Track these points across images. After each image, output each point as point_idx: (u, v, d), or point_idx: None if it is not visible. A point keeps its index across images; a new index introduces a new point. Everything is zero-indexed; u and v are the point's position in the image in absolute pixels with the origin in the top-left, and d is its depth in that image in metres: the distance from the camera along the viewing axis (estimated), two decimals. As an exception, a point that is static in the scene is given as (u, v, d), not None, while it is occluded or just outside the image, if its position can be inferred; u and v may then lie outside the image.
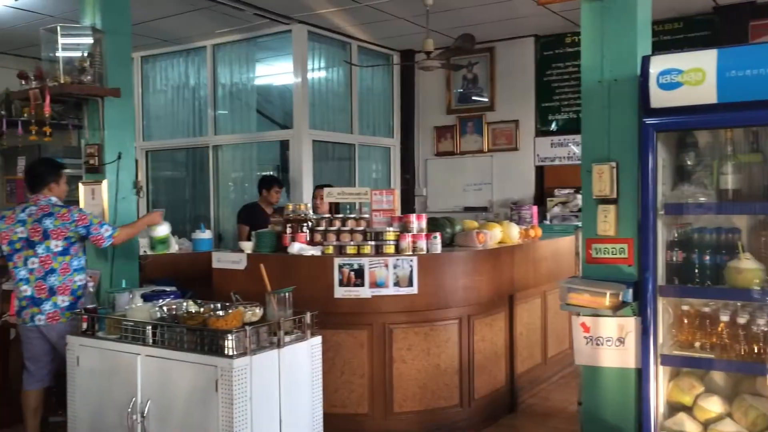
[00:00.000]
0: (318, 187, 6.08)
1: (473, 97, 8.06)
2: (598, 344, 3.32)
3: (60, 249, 4.07)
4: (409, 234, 4.33)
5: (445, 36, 7.08)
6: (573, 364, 5.71)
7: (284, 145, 9.01)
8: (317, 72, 7.42)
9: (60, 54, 4.63)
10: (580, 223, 6.01)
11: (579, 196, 6.98)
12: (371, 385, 4.22)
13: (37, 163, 4.45)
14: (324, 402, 3.67)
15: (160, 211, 4.82)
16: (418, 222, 4.40)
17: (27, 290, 4.00)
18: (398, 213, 4.67)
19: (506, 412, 4.81)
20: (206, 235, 6.09)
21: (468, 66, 7.95)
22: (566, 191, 7.29)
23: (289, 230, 4.51)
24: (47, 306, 4.02)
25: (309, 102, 7.13)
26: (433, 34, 6.31)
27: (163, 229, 4.59)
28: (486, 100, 7.96)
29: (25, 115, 7.57)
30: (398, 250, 4.28)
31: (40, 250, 4.01)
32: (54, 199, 4.19)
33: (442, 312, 4.33)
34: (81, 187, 4.96)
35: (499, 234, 4.96)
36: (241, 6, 6.25)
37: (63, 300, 4.07)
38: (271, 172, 9.45)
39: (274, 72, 8.09)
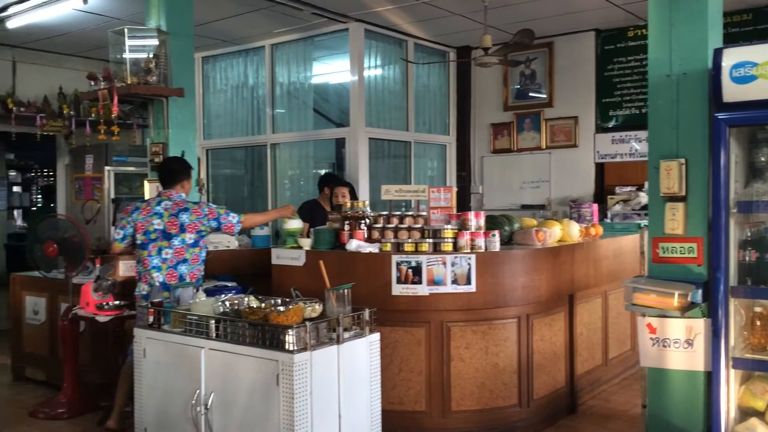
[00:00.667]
0: (337, 186, 6.08)
1: (531, 94, 7.94)
2: (664, 346, 3.23)
3: (192, 241, 4.32)
4: (467, 232, 4.29)
5: (502, 32, 6.99)
6: (635, 366, 5.61)
7: (339, 143, 9.09)
8: (373, 70, 7.44)
9: (127, 55, 4.78)
10: (643, 222, 5.92)
11: (641, 194, 6.82)
12: (429, 383, 4.21)
13: (172, 160, 4.63)
14: (381, 398, 3.68)
15: (292, 207, 5.01)
16: (476, 220, 4.36)
17: (159, 277, 4.23)
18: (455, 211, 4.65)
19: (566, 414, 4.73)
20: (264, 231, 6.19)
21: (526, 62, 7.84)
22: (628, 189, 7.10)
23: (347, 227, 4.53)
24: (158, 296, 4.17)
25: (365, 100, 7.15)
26: (491, 30, 6.24)
27: (295, 223, 4.70)
28: (544, 96, 7.83)
29: (93, 115, 7.90)
30: (456, 248, 4.25)
31: (176, 242, 4.25)
32: (183, 195, 4.40)
33: (500, 311, 4.28)
34: (146, 184, 5.11)
35: (559, 232, 4.87)
36: (299, 5, 6.32)
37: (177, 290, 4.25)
38: (328, 171, 9.56)
39: (331, 70, 8.16)
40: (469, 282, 4.17)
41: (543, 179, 7.83)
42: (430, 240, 4.28)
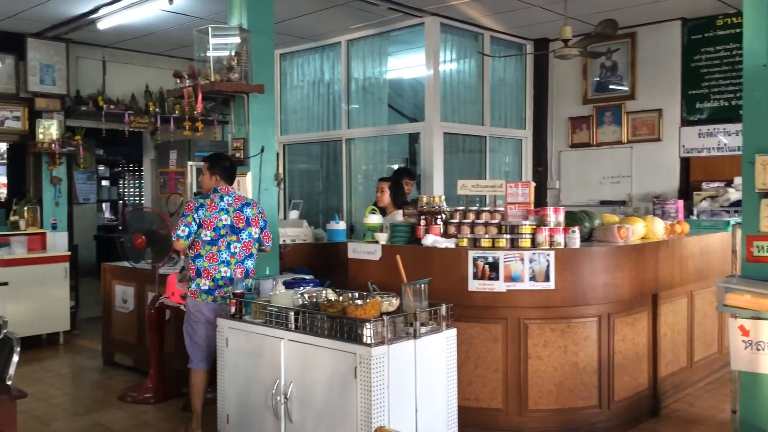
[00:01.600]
0: (381, 180, 6.05)
1: (611, 86, 7.70)
2: (758, 349, 3.07)
3: (257, 236, 4.42)
4: (546, 228, 4.21)
5: (583, 23, 6.80)
6: (722, 370, 5.38)
7: (413, 138, 9.07)
8: (448, 64, 7.39)
9: (210, 53, 4.90)
10: (733, 219, 5.64)
11: (731, 190, 6.50)
12: (505, 380, 4.16)
13: (228, 157, 4.71)
14: (457, 394, 3.66)
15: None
16: (555, 215, 4.27)
17: (227, 272, 4.28)
18: (533, 206, 4.57)
19: (648, 417, 4.57)
20: (340, 226, 6.27)
21: (607, 53, 7.60)
22: (716, 184, 6.78)
23: (423, 222, 4.52)
24: (240, 287, 4.25)
25: (440, 94, 7.11)
26: (571, 20, 6.09)
27: (375, 218, 4.74)
28: (626, 88, 7.57)
29: (177, 112, 8.19)
30: (534, 244, 4.18)
31: (243, 235, 4.34)
32: (236, 192, 4.50)
33: (580, 309, 4.18)
34: (229, 178, 5.23)
35: (642, 229, 4.71)
36: (376, 1, 6.34)
37: (251, 283, 4.30)
38: (401, 165, 9.56)
39: (406, 65, 8.16)
40: (547, 279, 4.09)
41: (624, 174, 7.58)
42: (508, 236, 4.22)
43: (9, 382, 2.82)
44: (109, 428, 4.55)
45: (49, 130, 7.31)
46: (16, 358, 2.88)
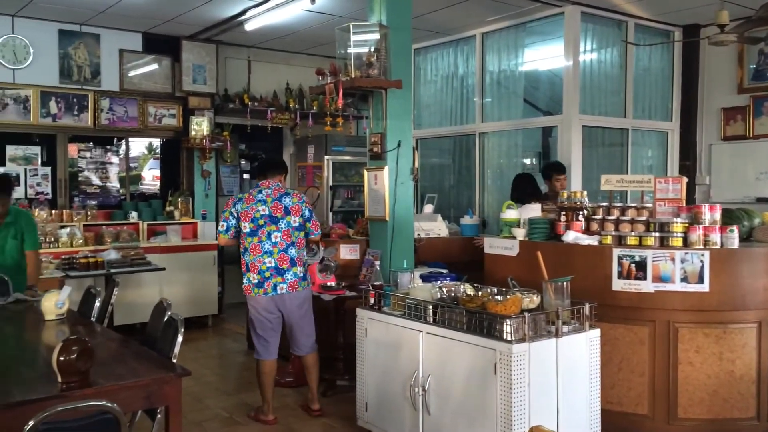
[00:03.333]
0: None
1: (771, 74, 7.07)
2: None
3: (297, 224, 4.49)
4: (700, 226, 3.95)
5: (739, 6, 6.29)
6: None
7: (546, 132, 8.82)
8: (589, 54, 7.10)
9: (351, 50, 5.03)
10: None
11: None
12: (652, 386, 3.96)
13: (272, 156, 4.90)
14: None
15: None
16: (710, 213, 4.00)
17: (271, 262, 4.38)
18: (684, 203, 4.30)
19: (814, 435, 4.18)
20: (473, 220, 6.24)
21: (767, 39, 6.99)
22: None
23: (563, 218, 4.40)
24: (289, 275, 4.41)
25: (579, 86, 6.86)
26: (726, 5, 5.64)
27: (512, 213, 4.74)
28: (788, 75, 6.93)
29: (315, 108, 8.49)
30: (686, 243, 3.94)
31: (282, 224, 4.43)
32: (279, 184, 4.61)
33: (737, 314, 3.89)
34: (365, 173, 5.36)
35: (809, 229, 4.30)
36: (514, -8, 6.23)
37: (299, 270, 4.47)
38: (531, 159, 9.33)
39: (542, 57, 7.94)
40: (701, 281, 3.84)
41: (784, 169, 6.96)
42: (657, 234, 4.01)
43: (174, 360, 3.05)
44: (254, 408, 4.81)
45: (201, 126, 7.84)
46: (180, 339, 3.11)
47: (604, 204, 4.38)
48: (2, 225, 4.65)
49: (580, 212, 4.36)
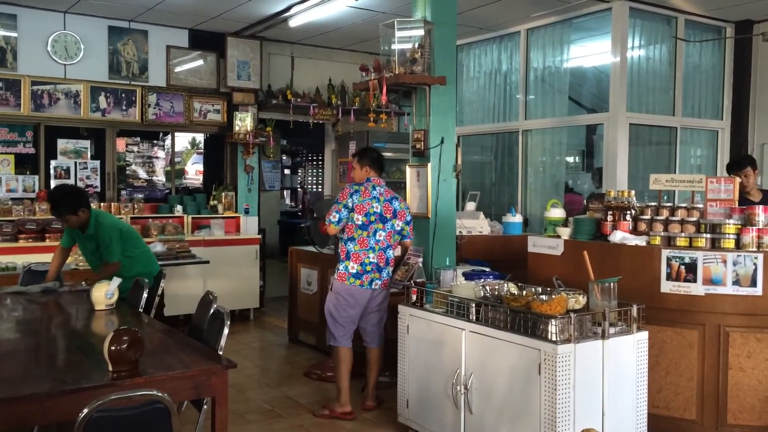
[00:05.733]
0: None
1: (829, 70, 6.82)
2: None
3: (399, 228, 4.58)
4: (754, 228, 3.84)
5: (797, 0, 6.09)
6: None
7: (590, 129, 8.67)
8: (636, 50, 6.95)
9: (395, 46, 5.02)
10: None
11: None
12: (701, 391, 3.86)
13: (378, 151, 4.87)
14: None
15: None
16: (765, 215, 3.88)
17: (374, 258, 4.48)
18: (737, 204, 4.17)
19: None
20: (516, 218, 6.18)
21: (825, 34, 6.75)
22: None
23: (609, 218, 4.31)
24: (384, 273, 4.52)
25: (626, 83, 6.72)
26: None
27: (558, 212, 4.72)
28: None
29: (357, 104, 8.51)
30: (739, 245, 3.83)
31: (388, 225, 4.53)
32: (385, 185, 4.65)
33: (792, 319, 3.77)
34: (408, 169, 5.35)
35: None
36: (561, -12, 6.13)
37: (390, 271, 4.57)
38: (574, 158, 9.19)
39: (588, 53, 7.80)
40: (753, 284, 3.73)
41: (842, 170, 6.71)
42: (708, 235, 3.90)
43: (220, 352, 3.09)
44: (295, 401, 4.85)
45: (245, 122, 7.92)
46: (226, 331, 3.15)
47: (653, 204, 4.28)
48: (86, 235, 4.63)
49: (628, 212, 4.27)
